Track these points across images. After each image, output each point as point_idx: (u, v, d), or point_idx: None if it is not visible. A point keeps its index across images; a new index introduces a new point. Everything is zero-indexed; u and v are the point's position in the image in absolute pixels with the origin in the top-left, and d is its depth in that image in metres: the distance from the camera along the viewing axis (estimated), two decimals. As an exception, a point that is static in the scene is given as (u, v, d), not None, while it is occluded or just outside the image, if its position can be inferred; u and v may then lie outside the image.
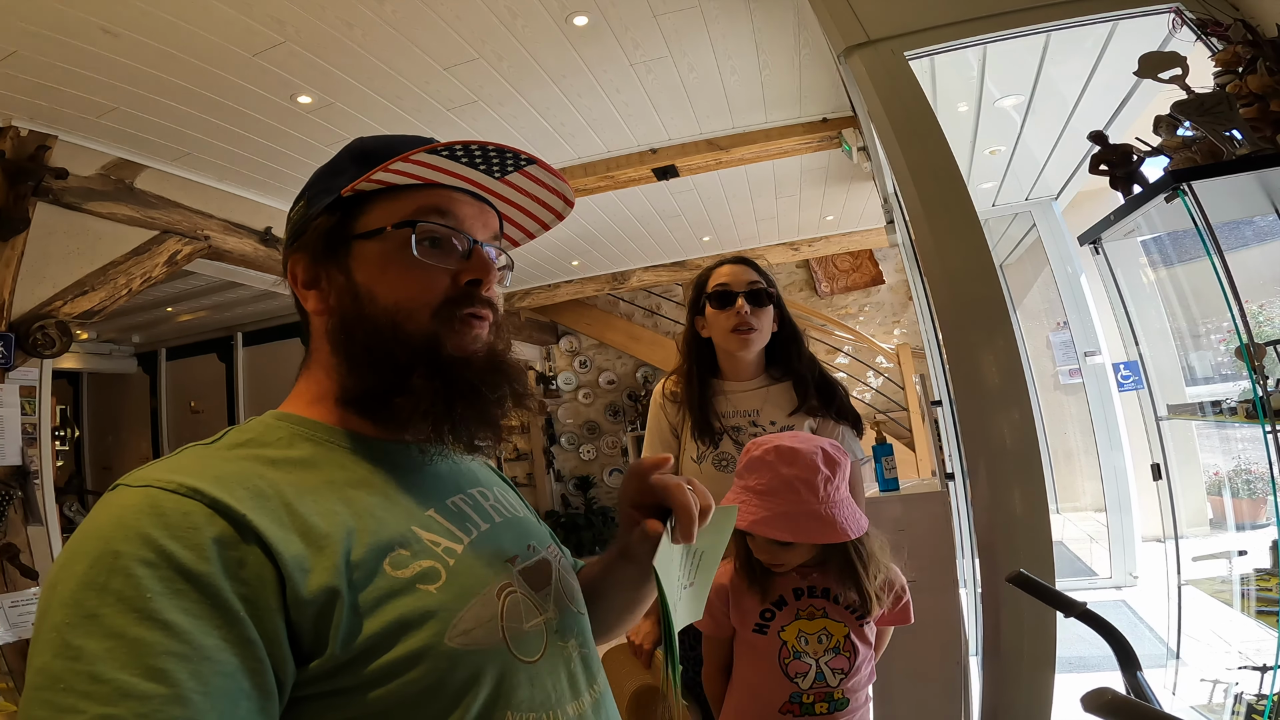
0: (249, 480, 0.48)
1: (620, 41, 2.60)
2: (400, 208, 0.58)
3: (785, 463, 1.01)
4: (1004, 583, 0.97)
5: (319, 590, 0.45)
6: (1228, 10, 1.65)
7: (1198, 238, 1.38)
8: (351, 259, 0.58)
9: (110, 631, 0.39)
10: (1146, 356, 2.57)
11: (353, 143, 0.64)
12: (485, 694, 0.50)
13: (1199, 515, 2.62)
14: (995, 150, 3.31)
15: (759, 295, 1.43)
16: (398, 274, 0.57)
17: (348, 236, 0.59)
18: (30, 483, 2.50)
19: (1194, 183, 1.28)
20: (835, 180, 4.59)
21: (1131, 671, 0.89)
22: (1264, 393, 1.19)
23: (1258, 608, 1.34)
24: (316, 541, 0.47)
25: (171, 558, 0.42)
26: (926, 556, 1.83)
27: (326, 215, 0.60)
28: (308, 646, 0.45)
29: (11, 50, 2.20)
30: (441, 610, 0.50)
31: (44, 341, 2.57)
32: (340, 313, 0.58)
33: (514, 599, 0.56)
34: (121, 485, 0.47)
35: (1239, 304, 1.24)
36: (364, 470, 0.55)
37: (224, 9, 2.13)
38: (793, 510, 0.99)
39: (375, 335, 0.56)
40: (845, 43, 1.97)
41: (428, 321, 0.57)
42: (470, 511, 0.60)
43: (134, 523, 0.43)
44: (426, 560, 0.52)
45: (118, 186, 2.92)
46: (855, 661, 1.07)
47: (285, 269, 0.63)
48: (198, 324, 5.83)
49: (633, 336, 7.27)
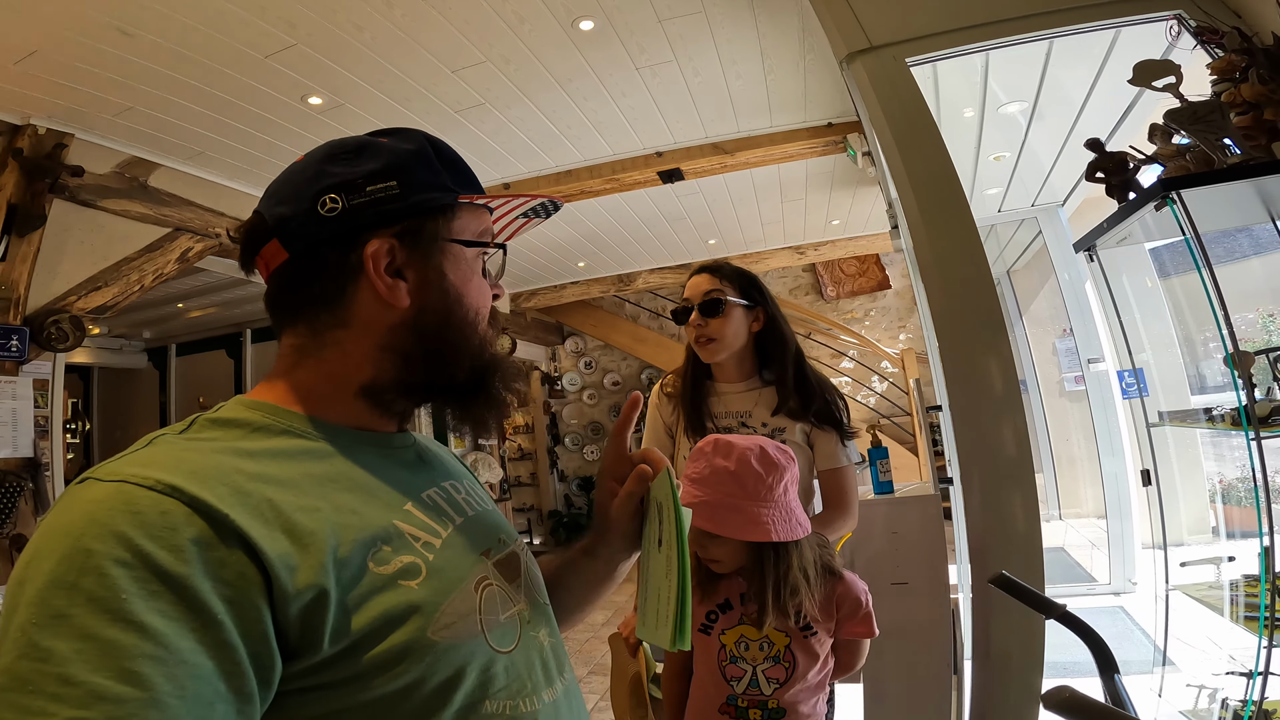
0: (228, 475, 0.47)
1: (625, 46, 2.63)
2: (474, 224, 0.64)
3: (720, 455, 1.02)
4: (995, 587, 0.98)
5: (306, 588, 0.45)
6: (1229, 18, 1.66)
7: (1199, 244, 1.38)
8: (445, 260, 0.61)
9: (81, 632, 0.37)
10: (1150, 363, 2.57)
11: (418, 134, 0.63)
12: (469, 685, 0.51)
13: (1201, 523, 2.61)
14: (1000, 156, 3.32)
15: (712, 305, 1.44)
16: (478, 284, 0.64)
17: (441, 236, 0.61)
18: (41, 474, 2.55)
19: (1185, 192, 1.29)
20: (841, 184, 4.60)
21: (1109, 674, 0.91)
22: (1249, 400, 1.20)
23: (1245, 614, 1.34)
24: (301, 539, 0.46)
25: (148, 558, 0.40)
26: (919, 560, 1.84)
27: (444, 214, 0.62)
28: (294, 644, 0.44)
29: (31, 50, 2.25)
30: (424, 605, 0.50)
31: (57, 335, 2.63)
32: (426, 308, 0.60)
33: (490, 591, 0.57)
34: (90, 479, 0.45)
35: (1225, 311, 1.25)
36: (341, 463, 0.55)
37: (237, 11, 2.17)
38: (717, 500, 0.99)
39: (458, 332, 0.61)
40: (848, 48, 1.99)
41: (486, 329, 0.65)
42: (445, 505, 0.61)
43: (107, 520, 0.41)
44: (407, 556, 0.52)
45: (132, 184, 2.97)
46: (793, 673, 1.06)
47: (329, 241, 0.57)
48: (207, 320, 5.90)
49: (638, 338, 7.29)
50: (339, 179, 0.57)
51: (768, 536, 0.98)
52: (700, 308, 1.45)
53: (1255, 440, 1.18)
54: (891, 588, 1.87)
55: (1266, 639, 1.18)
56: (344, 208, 0.56)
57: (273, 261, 0.58)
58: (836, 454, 1.43)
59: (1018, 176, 3.60)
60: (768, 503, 1.00)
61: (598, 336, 7.54)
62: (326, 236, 0.57)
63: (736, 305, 1.46)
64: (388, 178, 0.58)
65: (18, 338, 2.51)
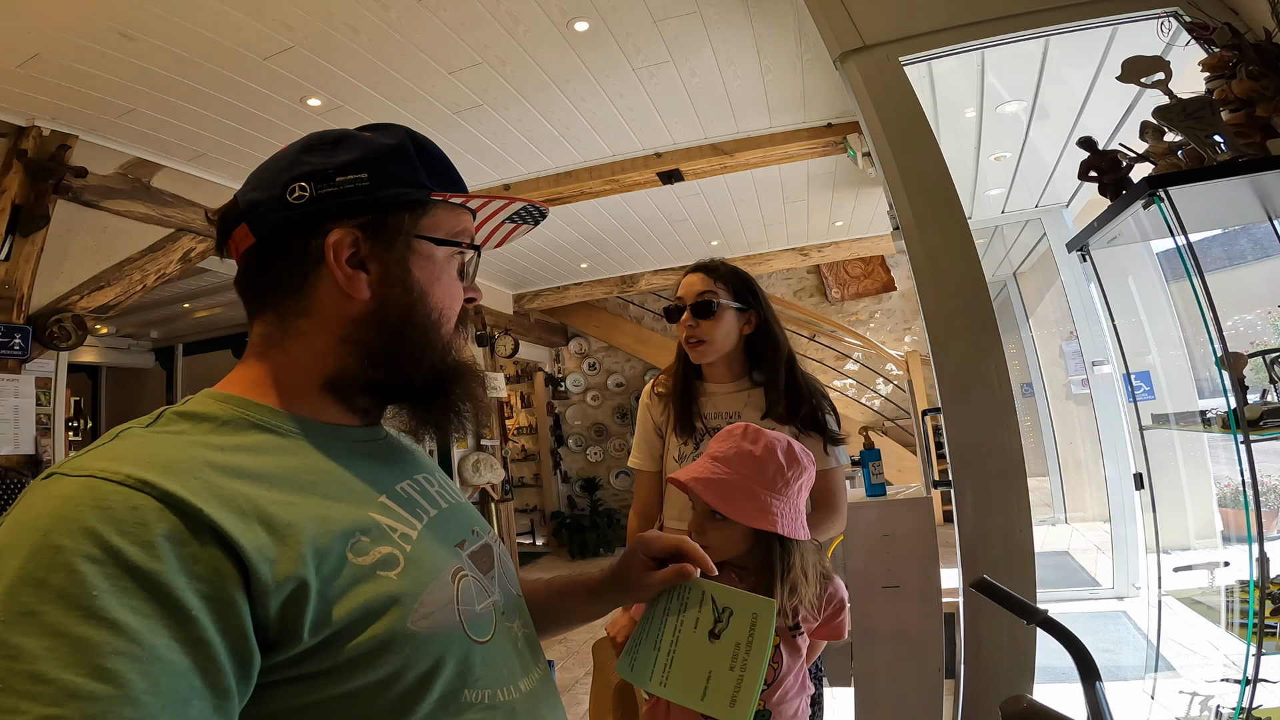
0: (200, 469, 0.46)
1: (621, 46, 2.63)
2: (448, 223, 0.63)
3: (748, 439, 1.02)
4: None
5: (285, 580, 0.45)
6: (1224, 14, 1.64)
7: (1197, 246, 1.36)
8: (411, 255, 0.60)
9: (51, 630, 0.37)
10: (1157, 365, 2.53)
11: (400, 129, 0.62)
12: (448, 674, 0.51)
13: (1207, 527, 2.57)
14: (1001, 157, 3.29)
15: (705, 306, 1.43)
16: (447, 283, 0.63)
17: (408, 231, 0.60)
18: (42, 472, 2.58)
19: (1175, 190, 1.27)
20: (843, 185, 4.58)
21: (1090, 681, 0.89)
22: (1239, 403, 1.18)
23: (1239, 621, 1.32)
24: (279, 531, 0.46)
25: (118, 554, 0.40)
26: (911, 563, 1.82)
27: (414, 209, 0.60)
28: (274, 636, 0.44)
29: (34, 53, 2.28)
30: (403, 595, 0.50)
31: (60, 335, 2.66)
32: (388, 302, 0.59)
33: (466, 582, 0.58)
34: (57, 474, 0.44)
35: (1214, 313, 1.22)
36: (315, 456, 0.55)
37: (234, 14, 2.19)
38: (733, 480, 0.99)
39: (420, 331, 0.60)
40: (841, 47, 1.98)
41: (452, 332, 0.63)
42: (419, 498, 0.61)
43: (75, 516, 0.40)
44: (385, 546, 0.52)
45: (135, 185, 3.01)
46: (780, 671, 1.06)
47: (293, 227, 0.57)
48: (213, 320, 5.95)
49: (641, 339, 7.29)
50: (311, 168, 0.58)
51: (774, 528, 0.99)
52: (692, 308, 1.45)
53: (1245, 444, 1.16)
54: (883, 591, 1.85)
55: (1256, 646, 1.16)
56: (311, 195, 0.57)
57: (241, 245, 0.59)
58: (823, 457, 1.42)
59: (1021, 177, 3.57)
60: (782, 496, 1.01)
61: (601, 338, 7.54)
62: (291, 223, 0.57)
63: (729, 308, 1.45)
64: (359, 169, 0.58)
65: (20, 336, 2.54)
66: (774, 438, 1.03)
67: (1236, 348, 1.25)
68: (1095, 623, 2.87)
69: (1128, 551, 3.30)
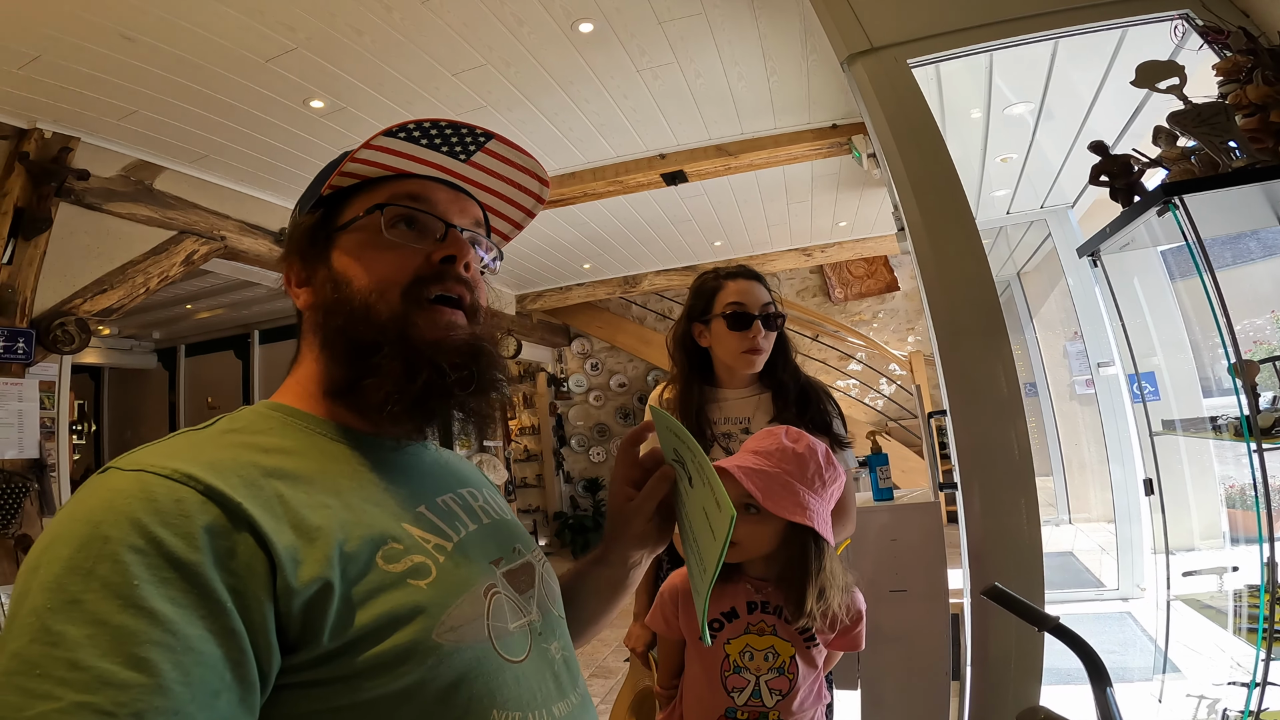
0: (242, 468, 0.48)
1: (626, 48, 2.62)
2: (374, 197, 0.61)
3: (789, 438, 1.04)
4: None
5: (310, 581, 0.45)
6: (1237, 17, 1.62)
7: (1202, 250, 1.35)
8: (333, 251, 0.61)
9: (93, 618, 0.38)
10: (1163, 367, 2.52)
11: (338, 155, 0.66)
12: (473, 691, 0.50)
13: (1213, 529, 2.56)
14: (1007, 158, 3.28)
15: (773, 319, 1.44)
16: (371, 256, 0.59)
17: (330, 231, 0.61)
18: (46, 475, 2.57)
19: (1189, 196, 1.26)
20: (847, 186, 4.57)
21: (1101, 688, 0.89)
22: (1251, 411, 1.17)
23: (1247, 625, 1.31)
24: (308, 533, 0.47)
25: (161, 545, 0.41)
26: (918, 567, 1.82)
27: (310, 215, 0.63)
28: (295, 637, 0.45)
29: (36, 55, 2.27)
30: (431, 606, 0.50)
31: (63, 338, 2.65)
32: (322, 302, 0.60)
33: (498, 599, 0.57)
34: (113, 468, 0.46)
35: (1228, 319, 1.22)
36: (355, 463, 0.56)
37: (236, 15, 2.18)
38: (775, 472, 1.00)
39: (349, 317, 0.58)
40: (848, 49, 1.97)
41: (398, 301, 0.58)
42: (460, 511, 0.61)
43: (125, 507, 0.42)
44: (418, 556, 0.52)
45: (137, 187, 3.00)
46: (795, 683, 1.06)
47: (285, 277, 0.66)
48: (216, 321, 5.95)
49: (644, 340, 7.28)
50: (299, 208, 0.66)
51: (810, 522, 0.99)
52: (763, 321, 1.44)
53: (1257, 452, 1.15)
54: (890, 595, 1.85)
55: (1265, 650, 1.15)
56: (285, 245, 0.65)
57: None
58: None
59: (1026, 178, 3.56)
60: (819, 496, 1.02)
61: (604, 338, 7.53)
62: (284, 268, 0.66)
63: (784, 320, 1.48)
64: (300, 206, 0.65)
65: (24, 340, 2.53)
66: (815, 440, 1.05)
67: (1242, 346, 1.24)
68: (1100, 624, 2.86)
69: (1133, 553, 3.29)
